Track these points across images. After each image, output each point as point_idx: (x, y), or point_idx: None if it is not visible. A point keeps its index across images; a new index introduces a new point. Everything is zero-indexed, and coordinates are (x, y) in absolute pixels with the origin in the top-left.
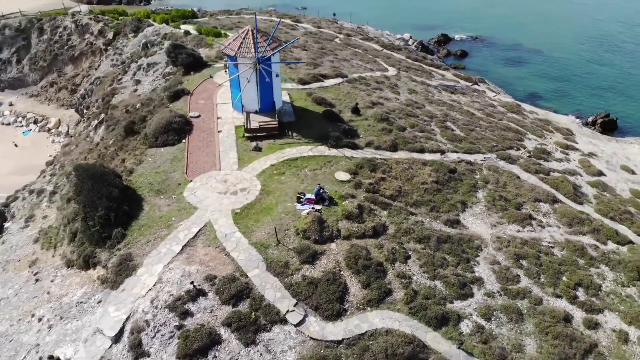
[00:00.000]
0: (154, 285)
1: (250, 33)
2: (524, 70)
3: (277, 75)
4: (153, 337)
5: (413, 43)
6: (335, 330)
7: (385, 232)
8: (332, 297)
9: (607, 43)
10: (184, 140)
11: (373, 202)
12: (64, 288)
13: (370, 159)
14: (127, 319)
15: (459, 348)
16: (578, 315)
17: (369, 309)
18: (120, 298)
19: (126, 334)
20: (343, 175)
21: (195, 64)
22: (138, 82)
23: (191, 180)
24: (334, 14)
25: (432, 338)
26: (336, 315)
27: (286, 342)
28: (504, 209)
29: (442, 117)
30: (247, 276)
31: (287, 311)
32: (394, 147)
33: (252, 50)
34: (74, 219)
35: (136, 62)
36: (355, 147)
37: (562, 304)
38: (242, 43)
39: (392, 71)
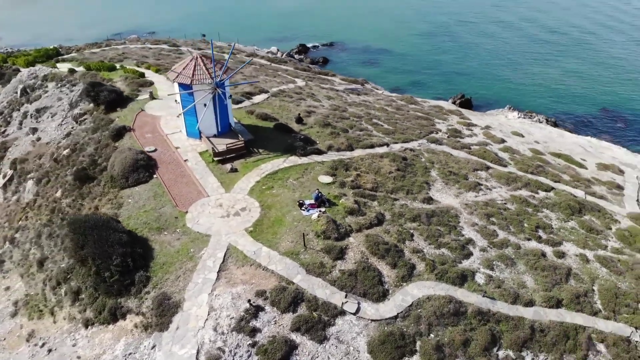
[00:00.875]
0: (209, 314)
1: (200, 60)
2: (380, 68)
3: (230, 97)
4: None
5: (282, 55)
6: (388, 309)
7: (384, 219)
8: (373, 282)
9: (439, 34)
10: (155, 176)
11: (362, 196)
12: (96, 347)
13: (338, 161)
14: (198, 352)
15: (484, 296)
16: (548, 250)
17: (404, 284)
18: (179, 335)
19: None
20: (326, 179)
21: (119, 100)
22: (34, 130)
23: (187, 212)
24: (204, 35)
25: (461, 294)
26: (382, 296)
27: (352, 330)
28: (457, 181)
29: (366, 115)
30: (293, 283)
31: (343, 303)
32: (350, 147)
33: (208, 75)
34: (67, 278)
35: (19, 110)
36: (320, 152)
37: (534, 244)
38: (194, 71)
39: (300, 82)
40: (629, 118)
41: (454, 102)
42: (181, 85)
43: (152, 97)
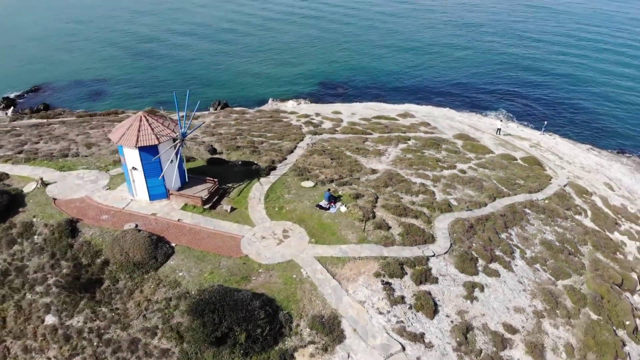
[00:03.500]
0: (364, 307)
1: (149, 117)
2: (113, 97)
3: None
4: (410, 325)
5: (15, 113)
6: (442, 243)
7: (376, 195)
8: (420, 231)
9: (139, 50)
10: (173, 244)
11: (344, 185)
12: None
13: (294, 168)
14: (388, 334)
15: (467, 210)
16: (456, 171)
17: (432, 224)
18: (363, 333)
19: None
20: (308, 183)
21: (14, 202)
22: None
23: (247, 255)
24: None
25: (458, 215)
26: (432, 237)
27: (441, 265)
28: (367, 153)
29: (243, 132)
30: (386, 257)
31: (423, 252)
32: (284, 158)
33: (168, 130)
34: None
35: None
36: (274, 168)
37: (448, 172)
38: (153, 129)
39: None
40: (343, 83)
41: (215, 109)
42: (144, 149)
43: (45, 183)
